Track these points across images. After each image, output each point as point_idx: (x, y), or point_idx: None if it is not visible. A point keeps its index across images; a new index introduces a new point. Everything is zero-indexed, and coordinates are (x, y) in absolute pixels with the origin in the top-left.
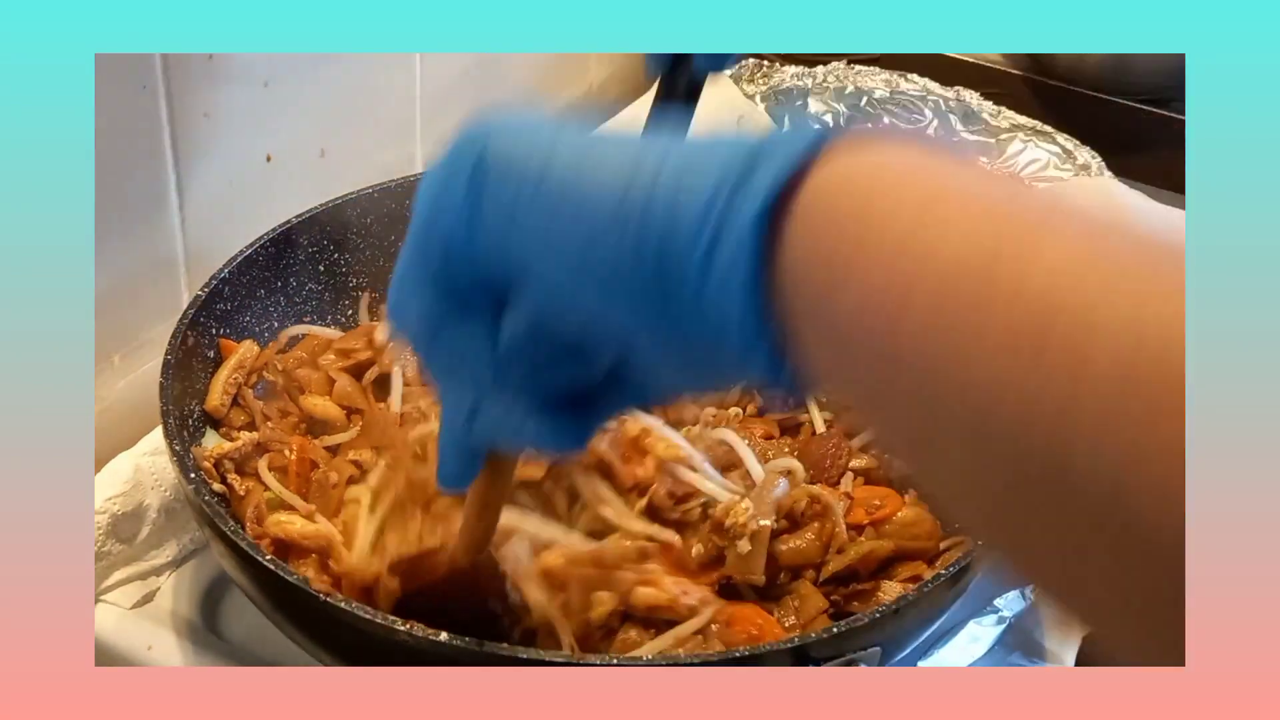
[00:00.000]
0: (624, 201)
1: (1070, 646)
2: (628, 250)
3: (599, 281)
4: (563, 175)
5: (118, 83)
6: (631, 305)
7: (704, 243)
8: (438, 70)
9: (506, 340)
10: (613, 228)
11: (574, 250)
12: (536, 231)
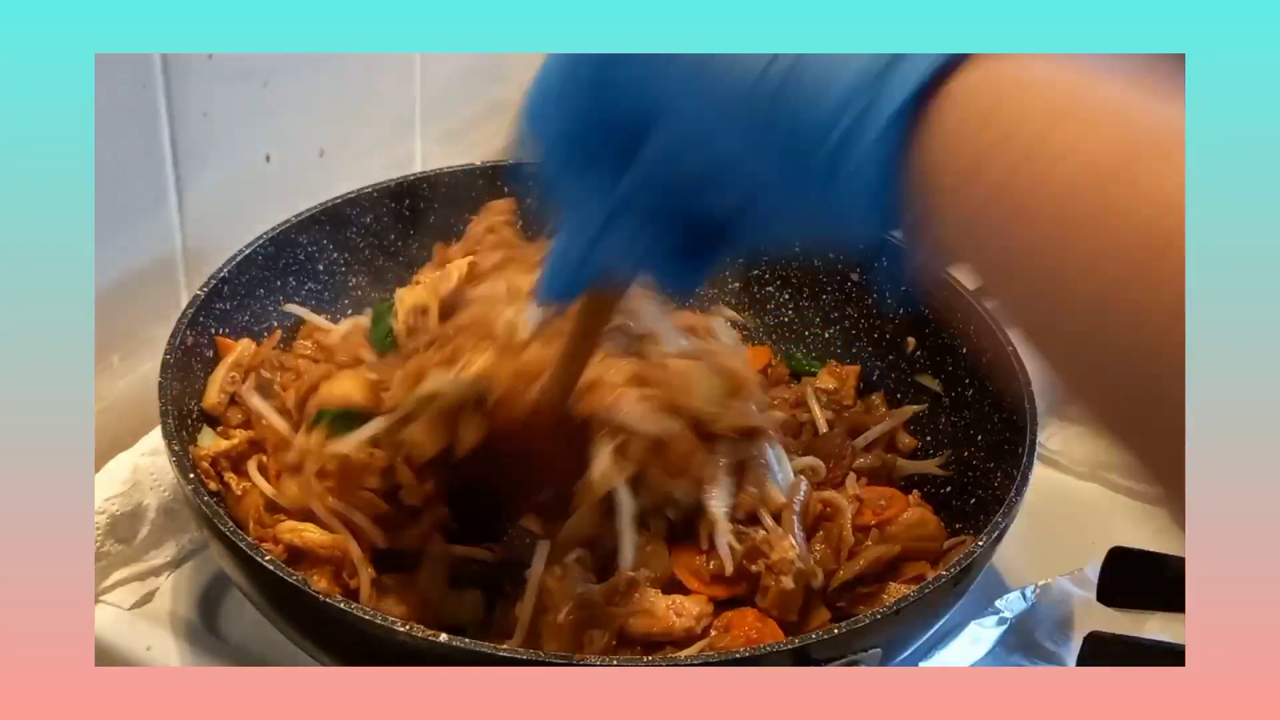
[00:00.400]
0: (767, 72)
1: (1070, 647)
2: (763, 117)
3: (734, 140)
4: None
5: (118, 83)
6: (764, 169)
7: (844, 125)
8: (438, 70)
9: (644, 166)
10: (754, 92)
11: (713, 105)
12: (689, 70)
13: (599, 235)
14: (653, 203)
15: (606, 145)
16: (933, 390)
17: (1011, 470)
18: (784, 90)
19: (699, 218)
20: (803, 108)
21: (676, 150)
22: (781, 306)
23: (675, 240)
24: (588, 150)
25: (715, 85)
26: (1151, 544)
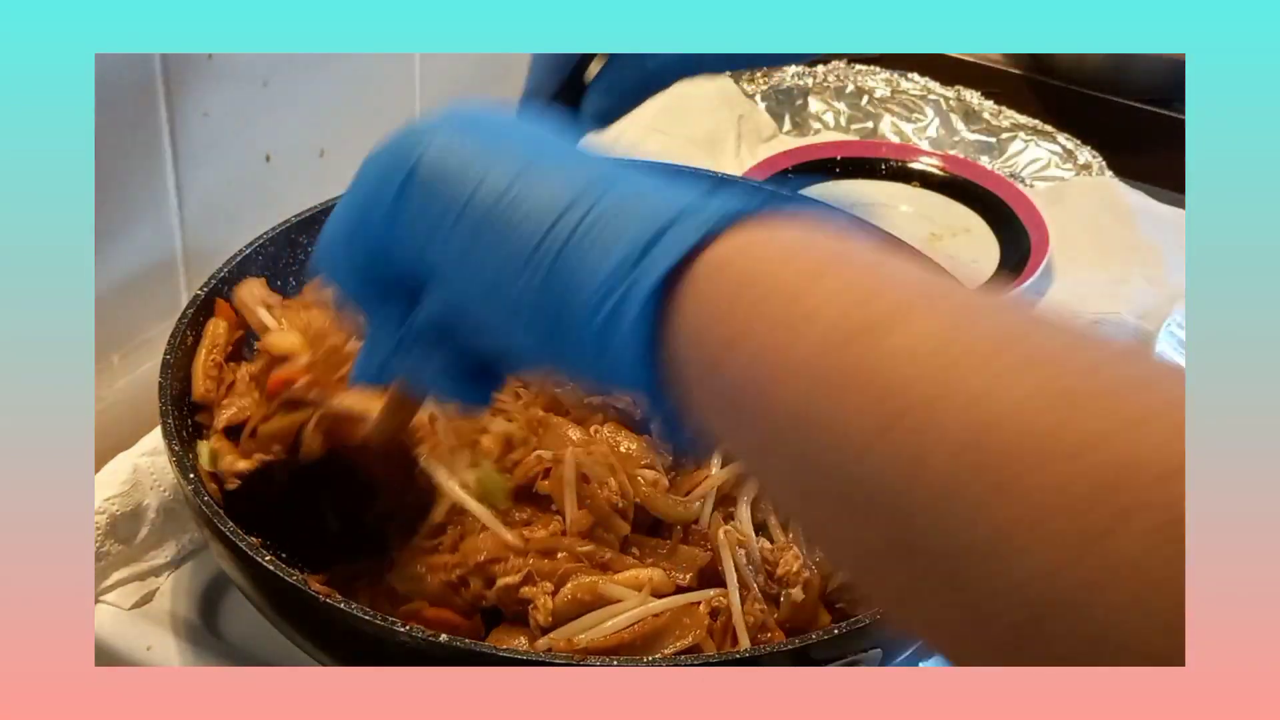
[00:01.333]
0: (536, 251)
1: None
2: (532, 296)
3: (505, 313)
4: (488, 204)
5: (118, 83)
6: (534, 341)
7: (604, 313)
8: (438, 70)
9: (415, 327)
10: (523, 272)
11: (485, 280)
12: (455, 254)
13: (390, 357)
14: (433, 341)
15: (391, 289)
16: None
17: None
18: (554, 269)
19: (479, 356)
20: (569, 289)
21: (444, 319)
22: None
23: (458, 369)
24: (377, 289)
25: (483, 267)
26: None
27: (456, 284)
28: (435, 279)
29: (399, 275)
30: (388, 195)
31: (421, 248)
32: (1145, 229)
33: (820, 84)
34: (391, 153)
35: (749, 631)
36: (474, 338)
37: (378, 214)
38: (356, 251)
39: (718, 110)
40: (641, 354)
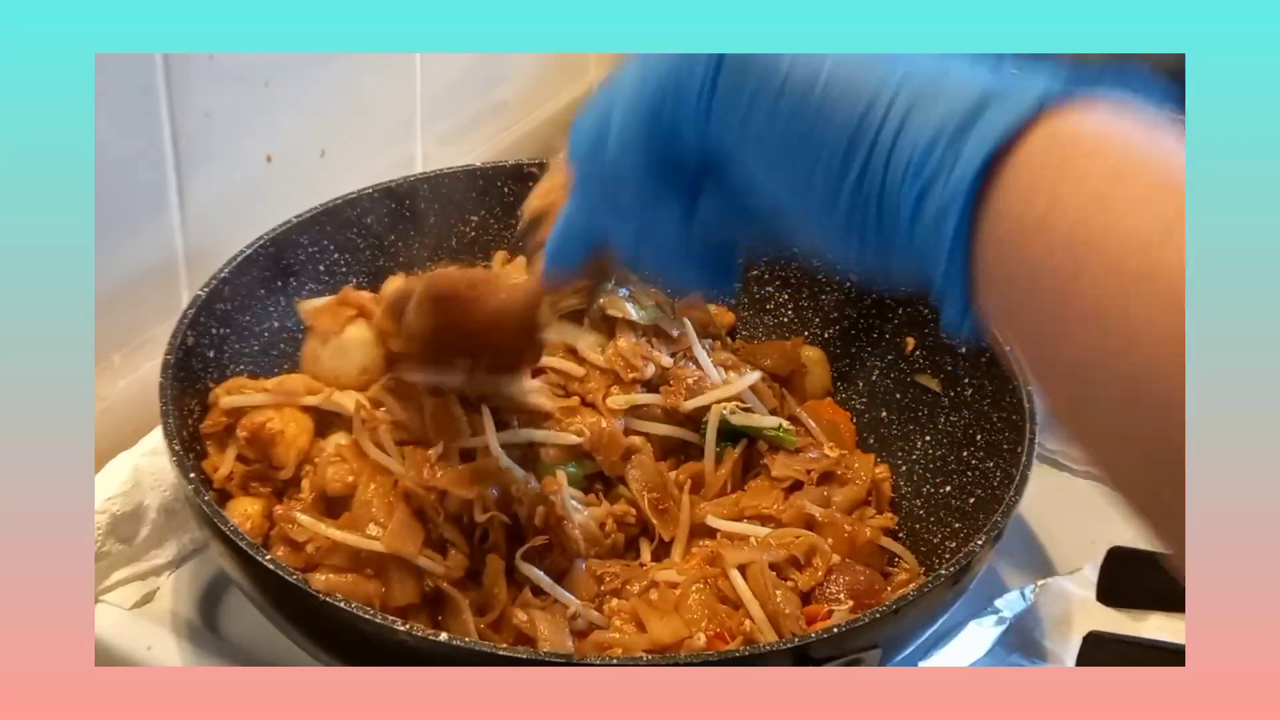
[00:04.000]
0: (855, 137)
1: (1070, 646)
2: (850, 182)
3: (818, 200)
4: (798, 93)
5: (118, 83)
6: (843, 224)
7: (920, 184)
8: (438, 70)
9: (705, 215)
10: (840, 158)
11: (801, 168)
12: (767, 141)
13: (634, 254)
14: (702, 243)
15: (675, 174)
16: (933, 390)
17: (1011, 470)
18: (875, 147)
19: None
20: (884, 175)
21: (741, 208)
22: (781, 306)
23: (713, 263)
24: (664, 170)
25: (798, 155)
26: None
27: (769, 174)
28: (741, 167)
29: (688, 160)
30: (693, 83)
31: (735, 134)
32: None
33: None
34: (683, 57)
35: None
36: (761, 223)
37: (684, 104)
38: (655, 139)
39: None
40: (956, 231)
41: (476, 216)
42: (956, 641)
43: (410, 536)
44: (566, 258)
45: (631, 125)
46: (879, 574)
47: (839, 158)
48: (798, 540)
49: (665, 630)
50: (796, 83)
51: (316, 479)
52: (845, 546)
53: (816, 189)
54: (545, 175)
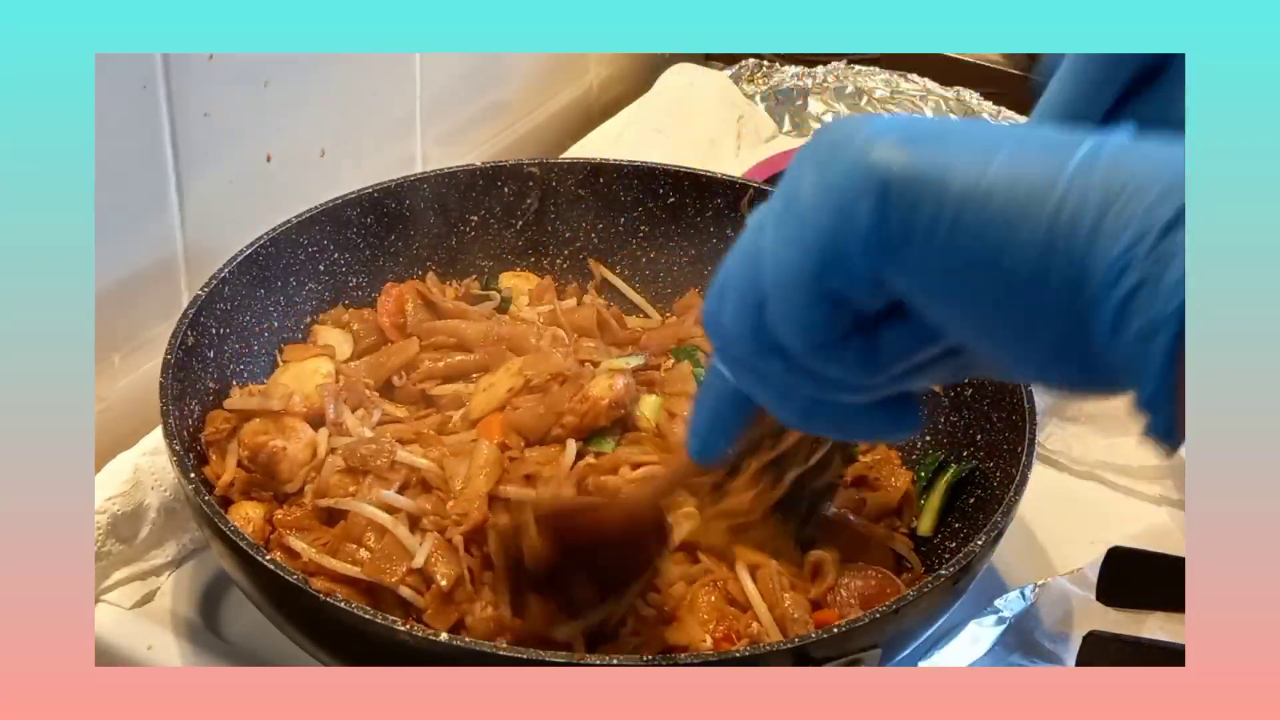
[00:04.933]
0: (1046, 256)
1: (1070, 646)
2: (1048, 303)
3: (1013, 326)
4: (973, 215)
5: (118, 83)
6: (1043, 350)
7: (1121, 295)
8: (438, 70)
9: (890, 353)
10: (1030, 281)
11: (990, 295)
12: (950, 276)
13: (808, 414)
14: (889, 381)
15: (850, 333)
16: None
17: (1011, 470)
18: (1066, 280)
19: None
20: (1075, 289)
21: (929, 340)
22: None
23: (895, 402)
24: (843, 327)
25: (988, 280)
26: (1151, 544)
27: (950, 304)
28: (916, 307)
29: (860, 320)
30: (863, 214)
31: (906, 279)
32: None
33: (820, 84)
34: (845, 171)
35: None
36: (950, 361)
37: (851, 255)
38: (825, 302)
39: (718, 110)
40: (1168, 347)
41: (476, 216)
42: (956, 641)
43: (396, 561)
44: (716, 445)
45: (793, 304)
46: (892, 575)
47: (1030, 281)
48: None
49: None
50: (970, 204)
51: (319, 486)
52: (857, 549)
53: (1009, 315)
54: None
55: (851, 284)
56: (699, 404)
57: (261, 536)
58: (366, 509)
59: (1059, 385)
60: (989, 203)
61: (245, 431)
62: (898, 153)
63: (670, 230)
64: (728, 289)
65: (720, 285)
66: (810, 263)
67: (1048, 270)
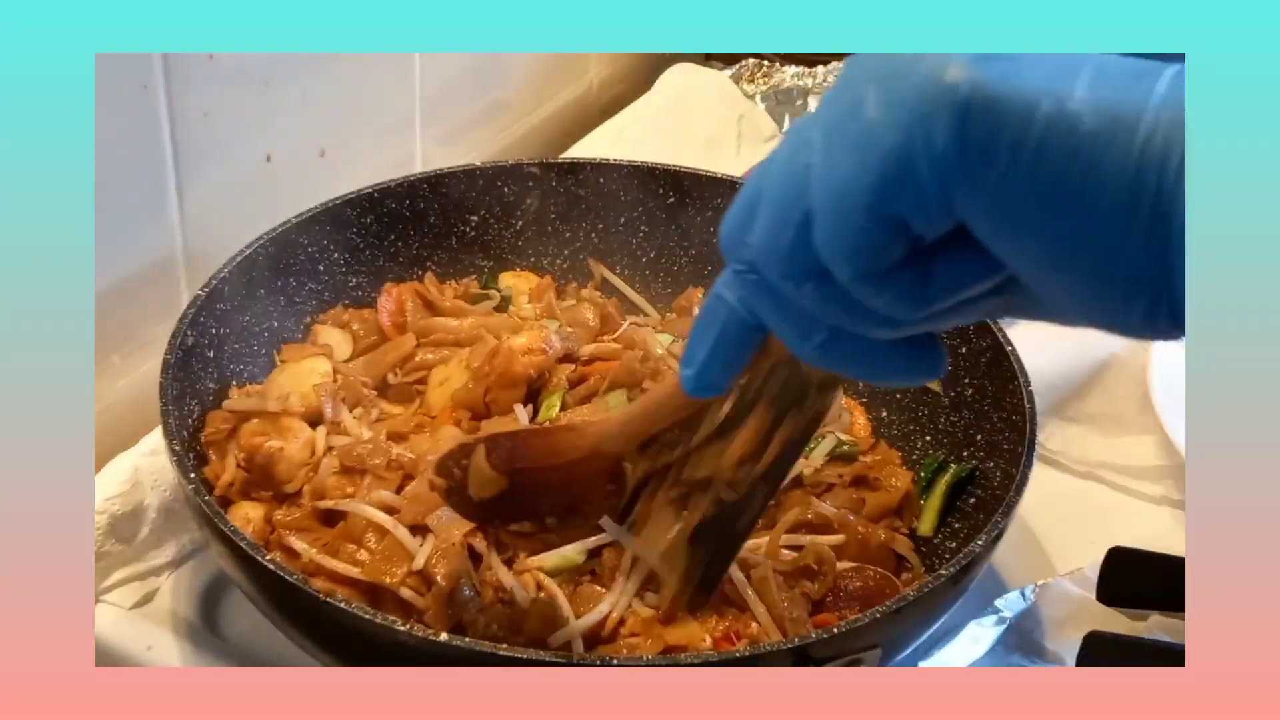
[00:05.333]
0: (1136, 187)
1: (1070, 646)
2: (1137, 237)
3: (1096, 261)
4: (1059, 143)
5: (118, 83)
6: (1124, 283)
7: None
8: (438, 70)
9: (943, 285)
10: (1123, 213)
11: (1075, 229)
12: (1028, 206)
13: (828, 345)
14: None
15: (903, 259)
16: (933, 390)
17: (1011, 470)
18: (1138, 199)
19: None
20: (1167, 220)
21: (986, 274)
22: None
23: (923, 341)
24: (904, 250)
25: (1068, 220)
26: (1151, 544)
27: (1025, 236)
28: (982, 236)
29: (939, 225)
30: (939, 135)
31: (978, 208)
32: None
33: (820, 84)
34: (906, 87)
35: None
36: (1006, 296)
37: (927, 159)
38: (884, 228)
39: (718, 110)
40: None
41: (476, 216)
42: (956, 641)
43: (396, 562)
44: (713, 377)
45: (849, 225)
46: (891, 576)
47: (1115, 210)
48: (804, 551)
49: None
50: (1056, 128)
51: (316, 487)
52: (857, 549)
53: (1089, 246)
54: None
55: (918, 208)
56: (697, 331)
57: (261, 537)
58: (366, 510)
59: (1118, 324)
60: (1076, 127)
61: (243, 432)
62: (976, 71)
63: (670, 230)
64: (761, 204)
65: (749, 200)
66: (873, 181)
67: (1136, 200)
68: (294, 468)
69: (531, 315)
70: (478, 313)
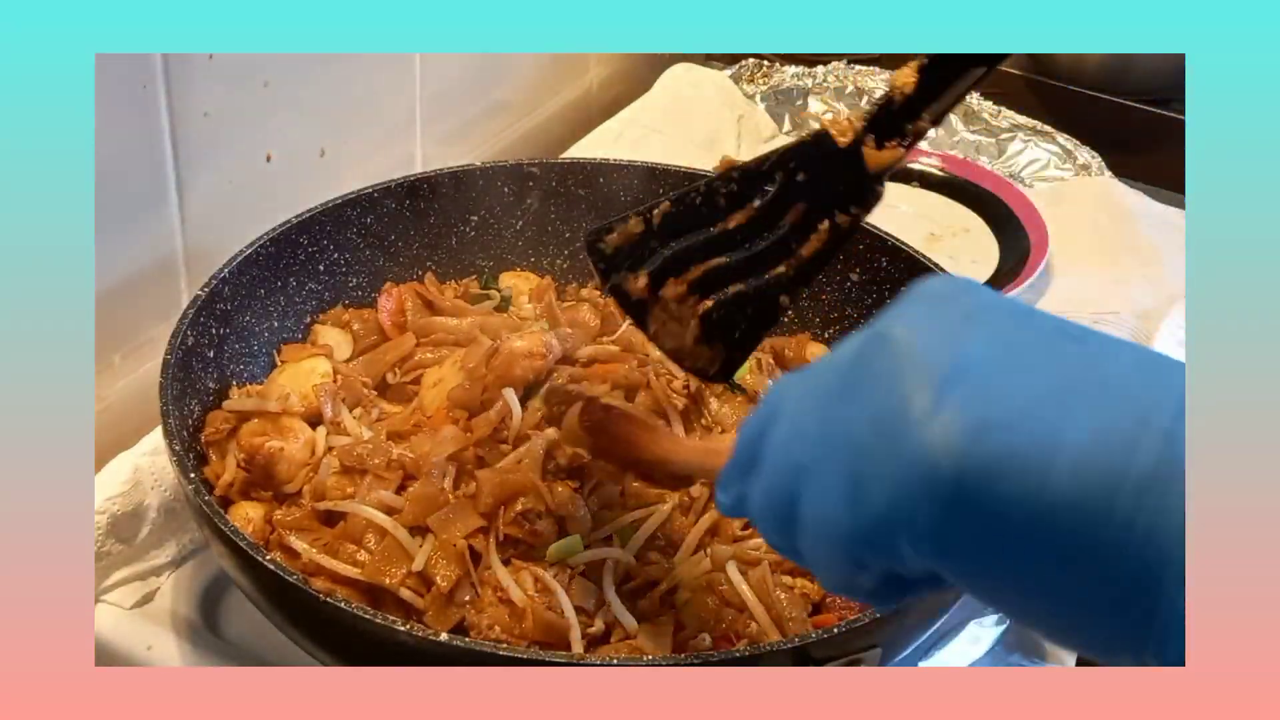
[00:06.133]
0: (1118, 557)
1: None
2: (1119, 600)
3: (1070, 618)
4: (1044, 522)
5: (118, 83)
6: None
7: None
8: (438, 70)
9: (913, 596)
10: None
11: (1049, 593)
12: (1010, 571)
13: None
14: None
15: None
16: None
17: None
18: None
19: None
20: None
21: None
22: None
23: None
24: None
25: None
26: None
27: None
28: (969, 587)
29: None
30: (922, 520)
31: (960, 566)
32: (1144, 229)
33: (820, 84)
34: (893, 461)
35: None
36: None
37: (909, 536)
38: (865, 556)
39: (718, 110)
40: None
41: (476, 216)
42: (957, 641)
43: (396, 563)
44: (739, 515)
45: (827, 563)
46: None
47: (1098, 582)
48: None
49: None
50: (1038, 521)
51: (316, 487)
52: None
53: (1068, 611)
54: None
55: (897, 563)
56: (727, 481)
57: (261, 537)
58: (366, 511)
59: (1098, 654)
60: (1056, 517)
61: (243, 432)
62: (962, 448)
63: None
64: (763, 477)
65: (750, 448)
66: (859, 532)
67: (1118, 576)
68: (294, 468)
69: (531, 315)
70: (478, 313)
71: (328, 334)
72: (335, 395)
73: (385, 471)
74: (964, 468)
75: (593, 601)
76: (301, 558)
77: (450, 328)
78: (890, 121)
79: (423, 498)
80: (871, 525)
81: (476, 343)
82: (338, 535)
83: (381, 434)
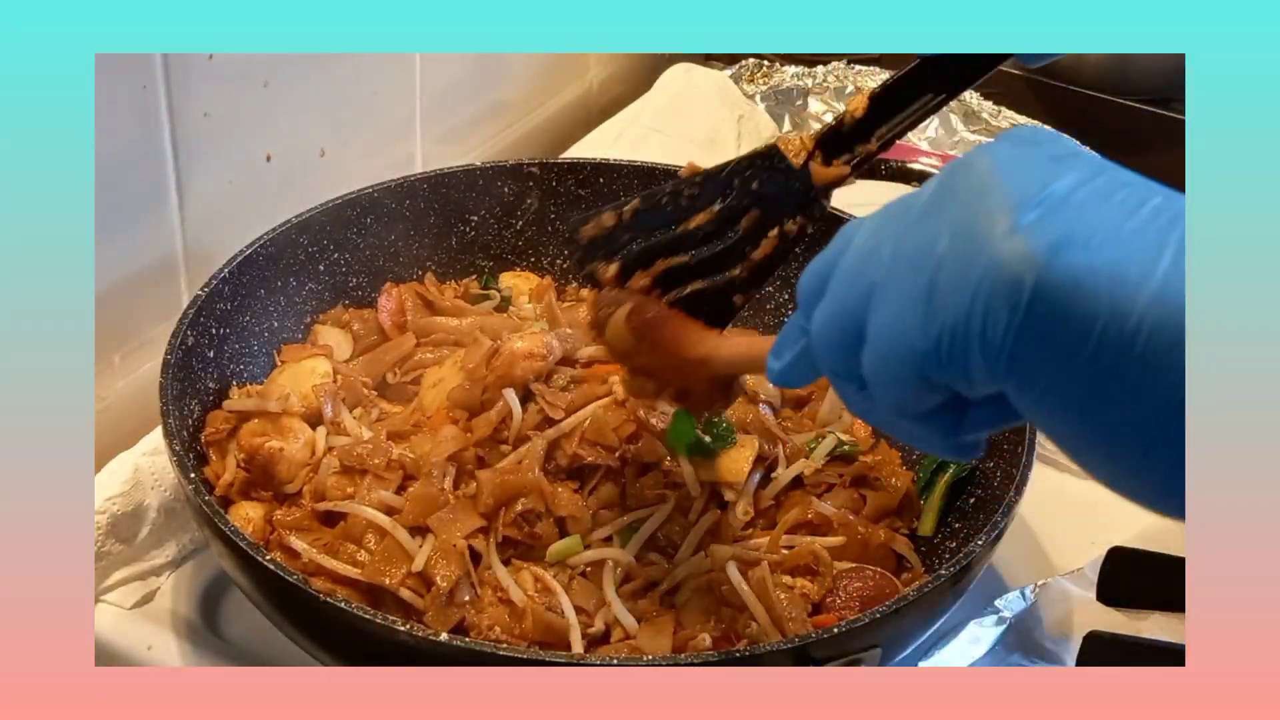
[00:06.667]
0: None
1: (1070, 646)
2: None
3: (1132, 453)
4: (1114, 353)
5: (118, 83)
6: (1162, 475)
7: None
8: (438, 70)
9: (974, 427)
10: (1171, 424)
11: (1114, 419)
12: (1073, 398)
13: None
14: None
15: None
16: None
17: (1011, 470)
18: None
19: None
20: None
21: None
22: (781, 306)
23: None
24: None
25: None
26: (1151, 544)
27: (1066, 419)
28: (1034, 408)
29: (969, 395)
30: (997, 329)
31: (1026, 389)
32: None
33: (820, 84)
34: (972, 268)
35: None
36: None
37: (981, 347)
38: (932, 377)
39: (718, 110)
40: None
41: (476, 216)
42: (957, 641)
43: (396, 563)
44: (792, 383)
45: (893, 381)
46: (891, 576)
47: (1169, 424)
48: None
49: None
50: (1110, 348)
51: (316, 487)
52: (857, 549)
53: (1130, 438)
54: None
55: (964, 382)
56: (783, 342)
57: (261, 537)
58: (366, 511)
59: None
60: (1135, 340)
61: (243, 433)
62: (1045, 260)
63: None
64: (829, 290)
65: (817, 280)
66: (927, 348)
67: (1181, 422)
68: (294, 468)
69: (531, 315)
70: (478, 313)
71: (328, 334)
72: (335, 395)
73: (385, 472)
74: (1045, 280)
75: (593, 601)
76: (301, 558)
77: (450, 328)
78: (839, 141)
79: (423, 498)
80: (945, 336)
81: (476, 343)
82: (338, 535)
83: (381, 434)
